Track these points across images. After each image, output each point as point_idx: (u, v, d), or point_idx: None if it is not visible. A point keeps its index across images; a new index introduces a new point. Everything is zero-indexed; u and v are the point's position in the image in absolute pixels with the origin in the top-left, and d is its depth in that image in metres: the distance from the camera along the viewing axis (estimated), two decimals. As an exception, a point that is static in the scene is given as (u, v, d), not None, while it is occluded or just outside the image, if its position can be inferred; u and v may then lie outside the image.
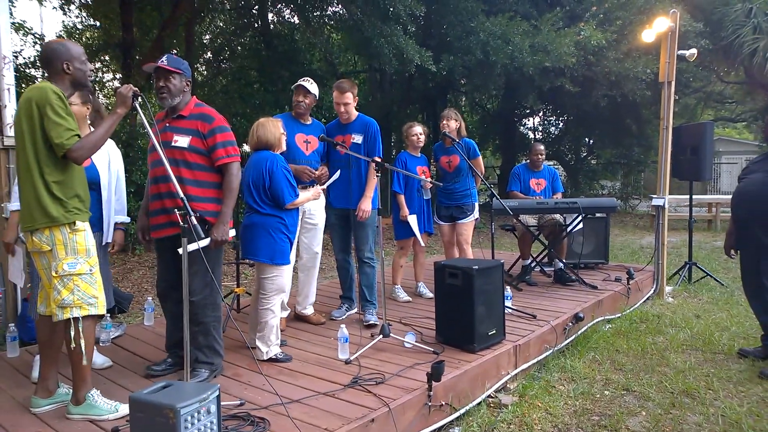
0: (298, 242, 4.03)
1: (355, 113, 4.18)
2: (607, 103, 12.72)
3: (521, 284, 5.38)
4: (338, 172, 3.81)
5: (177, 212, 2.44)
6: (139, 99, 2.63)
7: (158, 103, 3.00)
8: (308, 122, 4.09)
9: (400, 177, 4.72)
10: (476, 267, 3.48)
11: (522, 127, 21.12)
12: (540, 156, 5.73)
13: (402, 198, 4.73)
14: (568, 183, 18.15)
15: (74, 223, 2.49)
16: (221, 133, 2.96)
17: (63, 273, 2.47)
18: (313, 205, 4.06)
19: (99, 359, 3.29)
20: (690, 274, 6.42)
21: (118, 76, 13.82)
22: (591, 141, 18.41)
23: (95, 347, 3.34)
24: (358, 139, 4.11)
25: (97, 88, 13.28)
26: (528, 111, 18.00)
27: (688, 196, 6.64)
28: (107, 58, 13.34)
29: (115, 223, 3.32)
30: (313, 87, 4.00)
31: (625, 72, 11.51)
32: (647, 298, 5.52)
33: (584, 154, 18.90)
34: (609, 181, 18.55)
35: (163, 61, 2.95)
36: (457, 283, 3.55)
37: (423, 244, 4.86)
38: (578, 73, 11.56)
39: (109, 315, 3.99)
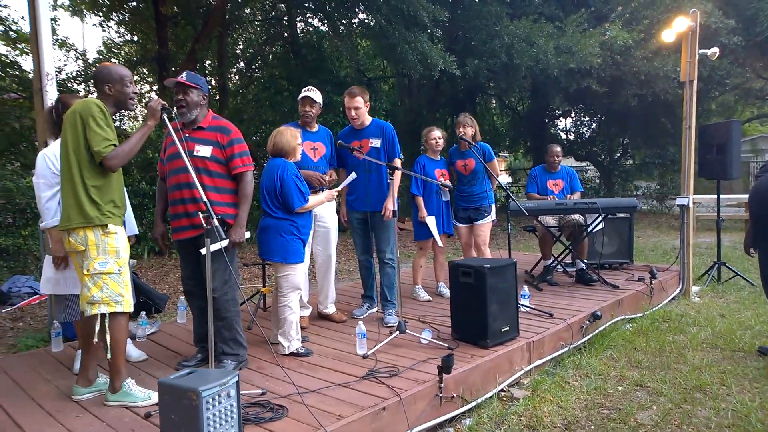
0: (312, 246, 4.19)
1: (368, 118, 4.32)
2: (637, 102, 12.56)
3: (542, 284, 5.44)
4: (353, 175, 3.92)
5: (201, 215, 2.64)
6: (169, 112, 2.86)
7: (176, 116, 3.22)
8: (315, 129, 4.26)
9: (419, 180, 4.87)
10: (488, 266, 3.60)
11: (553, 129, 20.93)
12: (556, 157, 5.79)
13: (420, 200, 4.87)
14: (601, 184, 17.91)
15: (107, 225, 2.71)
16: (238, 145, 3.18)
17: (94, 271, 2.69)
18: (323, 209, 4.21)
19: (135, 353, 3.54)
20: (719, 273, 6.34)
21: (155, 87, 14.40)
22: (625, 141, 18.12)
23: (131, 342, 3.60)
24: (376, 143, 4.24)
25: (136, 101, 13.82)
26: (558, 112, 17.84)
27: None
28: (145, 71, 13.92)
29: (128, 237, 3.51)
30: (317, 96, 4.16)
31: (654, 71, 11.36)
32: (672, 298, 5.50)
33: (618, 155, 18.60)
34: (644, 181, 18.19)
35: (182, 77, 3.19)
36: (470, 281, 3.67)
37: (441, 245, 4.98)
38: (605, 74, 11.47)
39: (144, 312, 4.27)
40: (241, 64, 14.98)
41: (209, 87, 3.36)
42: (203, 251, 2.71)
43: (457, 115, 6.37)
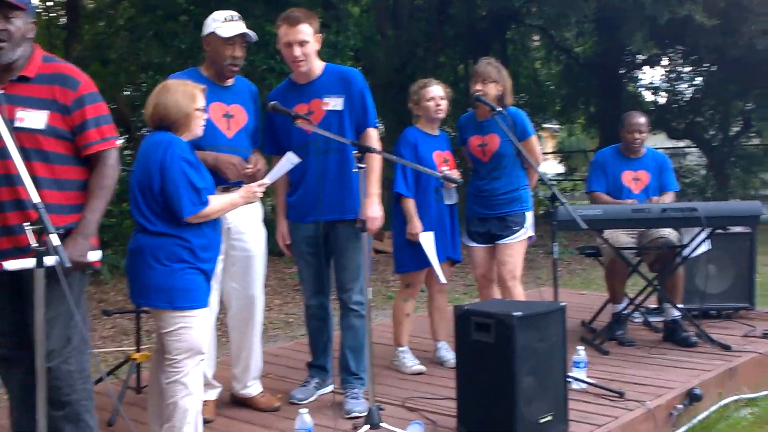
0: (222, 282, 4.18)
1: (319, 64, 4.34)
2: (769, 44, 12.83)
3: (609, 343, 5.50)
4: (290, 158, 3.80)
5: (29, 229, 2.61)
6: None
7: None
8: (230, 83, 4.26)
9: (407, 170, 4.89)
10: (519, 314, 3.63)
11: (633, 86, 21.26)
12: (638, 134, 5.88)
13: (411, 203, 4.89)
14: (709, 178, 18.20)
15: None
16: (92, 105, 3.14)
17: None
18: (240, 220, 4.17)
19: None
20: None
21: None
22: (747, 107, 18.45)
23: None
24: (335, 104, 4.26)
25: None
26: (641, 59, 18.11)
27: None
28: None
29: None
30: (248, 31, 4.16)
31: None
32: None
33: (736, 130, 18.95)
34: (776, 173, 18.59)
35: None
36: (490, 339, 3.69)
37: (444, 281, 5.01)
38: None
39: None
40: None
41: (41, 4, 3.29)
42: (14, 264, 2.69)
43: (474, 60, 6.39)
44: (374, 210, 4.20)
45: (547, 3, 12.49)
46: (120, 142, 3.26)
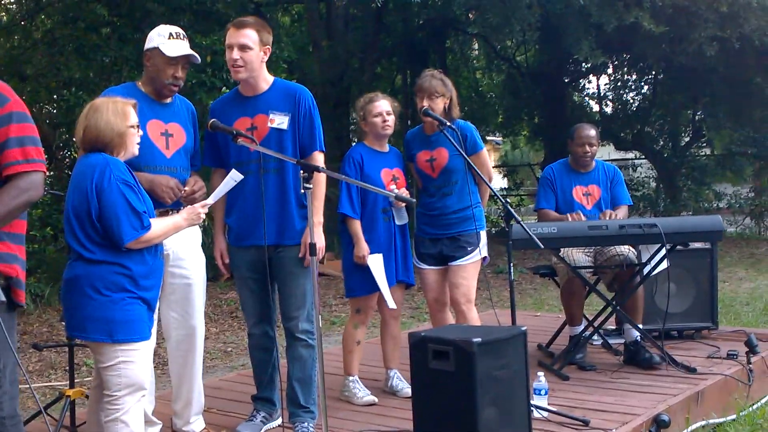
0: (160, 312, 4.14)
1: (267, 77, 4.36)
2: (718, 51, 13.15)
3: (568, 368, 5.55)
4: (233, 176, 3.84)
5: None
6: None
7: None
8: (168, 101, 4.25)
9: (353, 190, 4.90)
10: (478, 340, 3.64)
11: (578, 95, 21.61)
12: (588, 147, 5.97)
13: (357, 225, 4.89)
14: (660, 190, 18.55)
15: None
16: (18, 124, 3.07)
17: None
18: (180, 245, 4.15)
19: None
20: None
21: None
22: (697, 116, 18.87)
23: None
24: (280, 121, 4.27)
25: None
26: (587, 66, 18.43)
27: None
28: None
29: None
30: (194, 53, 4.15)
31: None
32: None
33: (686, 140, 19.37)
34: (730, 184, 18.98)
35: None
36: (448, 367, 3.70)
37: (393, 306, 5.00)
38: (664, 2, 11.99)
39: None
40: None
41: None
42: None
43: (413, 70, 6.41)
44: (319, 237, 4.19)
45: (488, 11, 12.60)
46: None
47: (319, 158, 4.32)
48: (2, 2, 14.07)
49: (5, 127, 3.04)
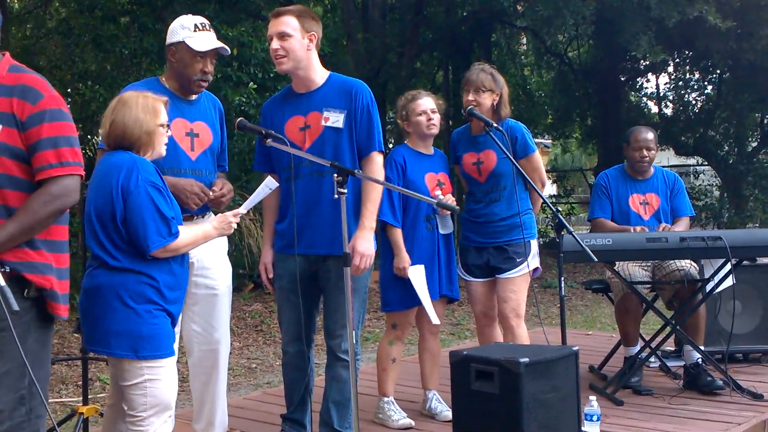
0: (182, 325, 4.17)
1: (321, 71, 4.36)
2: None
3: (623, 392, 5.52)
4: (269, 183, 3.85)
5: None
6: None
7: None
8: (193, 97, 4.27)
9: (394, 195, 4.90)
10: (525, 360, 3.66)
11: (636, 95, 21.44)
12: (646, 152, 5.94)
13: (398, 234, 4.89)
14: (725, 200, 18.34)
15: None
16: (53, 122, 3.11)
17: None
18: (206, 255, 4.19)
19: None
20: None
21: None
22: (766, 120, 18.65)
23: None
24: (335, 119, 4.27)
25: None
26: (645, 64, 18.31)
27: None
28: None
29: None
30: (223, 45, 4.19)
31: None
32: None
33: (754, 145, 19.15)
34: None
35: None
36: (492, 389, 3.72)
37: (437, 321, 5.00)
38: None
39: None
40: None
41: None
42: None
43: (455, 66, 6.39)
44: (367, 245, 4.19)
45: (538, 3, 12.57)
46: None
47: (378, 159, 4.32)
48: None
49: (37, 127, 3.07)
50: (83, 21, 11.82)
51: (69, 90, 10.72)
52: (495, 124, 4.86)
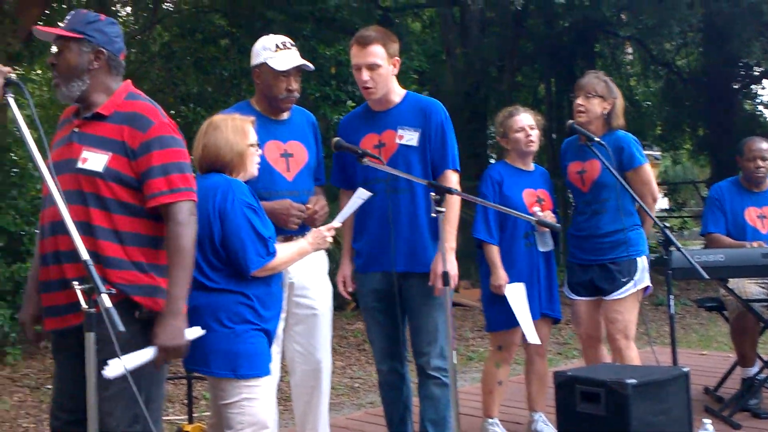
0: (284, 345, 4.24)
1: (397, 90, 4.42)
2: None
3: (740, 415, 5.40)
4: (360, 195, 3.88)
5: (77, 287, 2.68)
6: (18, 87, 2.97)
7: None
8: (285, 117, 4.33)
9: (490, 212, 4.90)
10: (633, 381, 3.61)
11: (750, 104, 20.96)
12: (762, 162, 5.82)
13: (495, 251, 4.88)
14: None
15: None
16: (162, 150, 3.20)
17: None
18: (304, 273, 4.23)
19: None
20: None
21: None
22: None
23: None
24: (409, 137, 4.32)
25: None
26: (759, 71, 17.92)
27: None
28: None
29: None
30: (304, 62, 4.23)
31: None
32: None
33: None
34: None
35: (67, 19, 3.28)
36: (599, 411, 3.69)
37: (535, 341, 4.93)
38: None
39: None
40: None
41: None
42: (109, 371, 2.79)
43: (557, 78, 6.36)
44: (451, 265, 4.16)
45: (643, 11, 12.43)
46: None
47: (452, 178, 4.33)
48: (118, 14, 14.75)
49: (147, 155, 3.18)
50: (185, 44, 12.14)
51: (173, 112, 11.00)
52: (596, 138, 4.81)
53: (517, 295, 4.82)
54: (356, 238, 4.50)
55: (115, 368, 2.82)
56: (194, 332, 3.20)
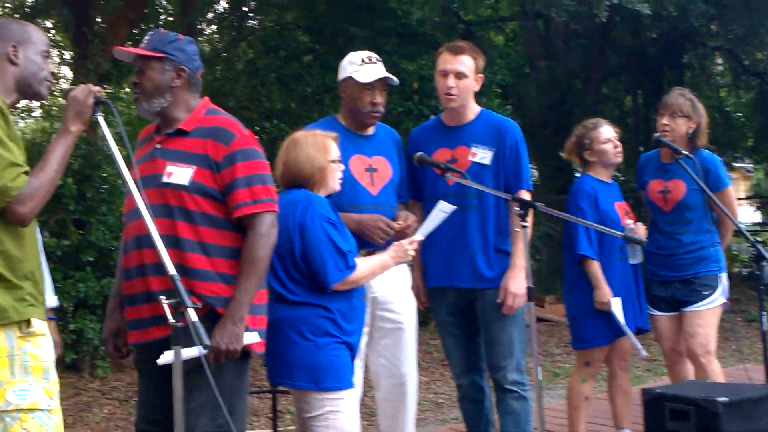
0: (368, 359, 4.27)
1: (474, 107, 4.45)
2: None
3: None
4: (443, 207, 3.88)
5: (164, 301, 2.73)
6: (107, 107, 3.05)
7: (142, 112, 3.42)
8: (370, 132, 4.38)
9: (590, 228, 4.84)
10: (724, 400, 3.56)
11: None
12: None
13: (597, 267, 4.83)
14: None
15: (29, 322, 2.84)
16: (245, 162, 3.28)
17: (5, 407, 2.79)
18: (389, 286, 4.24)
19: None
20: None
21: (66, 56, 15.05)
22: None
23: None
24: (483, 155, 4.35)
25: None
26: None
27: None
28: (49, 24, 14.62)
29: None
30: (388, 74, 4.26)
31: None
32: None
33: None
34: None
35: (145, 40, 3.39)
36: (688, 430, 3.64)
37: (645, 353, 4.97)
38: None
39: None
40: (223, 3, 15.57)
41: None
42: (164, 359, 2.84)
43: (644, 91, 6.31)
44: (519, 284, 4.19)
45: (732, 21, 12.21)
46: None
47: (524, 196, 4.30)
48: (202, 32, 15.02)
49: (231, 168, 3.26)
50: (269, 61, 12.27)
51: (257, 128, 11.17)
52: (685, 152, 4.76)
53: (618, 310, 4.79)
54: (424, 252, 4.48)
55: (167, 357, 2.87)
56: (251, 337, 3.23)
